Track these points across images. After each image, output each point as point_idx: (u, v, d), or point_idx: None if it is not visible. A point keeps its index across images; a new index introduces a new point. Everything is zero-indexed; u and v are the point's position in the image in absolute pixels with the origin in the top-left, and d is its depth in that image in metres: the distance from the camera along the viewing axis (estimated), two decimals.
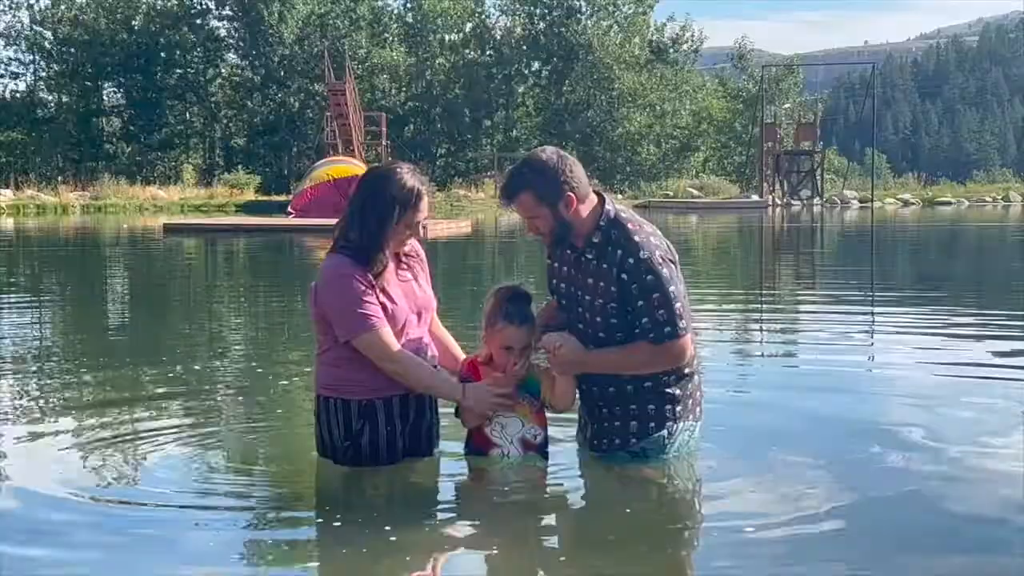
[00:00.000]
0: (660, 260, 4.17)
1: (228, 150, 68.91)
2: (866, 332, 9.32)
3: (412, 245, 4.42)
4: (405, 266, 4.37)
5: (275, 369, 7.34)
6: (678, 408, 4.37)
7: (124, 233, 28.81)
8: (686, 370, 4.38)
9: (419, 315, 4.34)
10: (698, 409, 4.50)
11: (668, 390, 4.34)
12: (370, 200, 4.19)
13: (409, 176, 4.22)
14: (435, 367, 4.37)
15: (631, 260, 4.16)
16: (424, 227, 4.31)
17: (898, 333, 9.06)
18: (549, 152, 4.29)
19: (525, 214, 4.25)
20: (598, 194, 4.38)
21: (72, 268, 18.23)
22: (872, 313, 10.89)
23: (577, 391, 4.45)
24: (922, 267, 18.53)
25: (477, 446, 4.44)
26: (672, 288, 4.16)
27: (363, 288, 4.12)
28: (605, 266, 4.21)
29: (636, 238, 4.21)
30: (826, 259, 20.83)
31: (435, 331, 4.52)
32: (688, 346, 4.25)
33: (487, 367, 4.40)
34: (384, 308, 4.18)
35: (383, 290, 4.19)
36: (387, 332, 4.15)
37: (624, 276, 4.16)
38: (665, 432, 4.36)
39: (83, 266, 18.63)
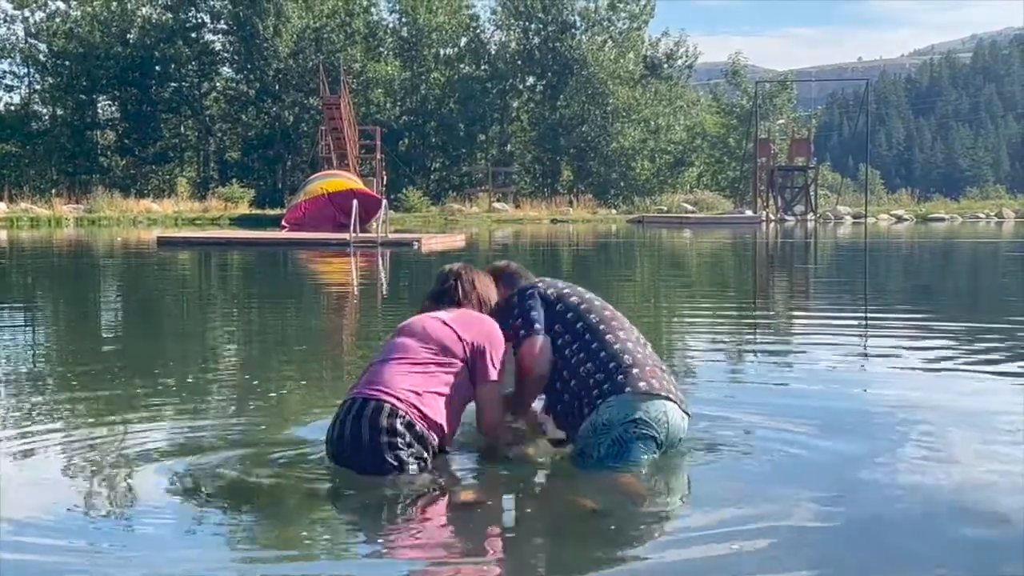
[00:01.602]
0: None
1: (222, 163, 68.87)
2: (860, 345, 9.31)
3: None
4: None
5: (268, 382, 7.32)
6: (594, 394, 4.66)
7: (118, 246, 28.79)
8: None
9: None
10: (641, 384, 4.64)
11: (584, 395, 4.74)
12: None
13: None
14: None
15: None
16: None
17: (892, 345, 9.05)
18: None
19: None
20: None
21: (66, 280, 18.19)
22: (866, 326, 10.90)
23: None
24: (916, 282, 18.54)
25: None
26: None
27: None
28: None
29: None
30: (820, 273, 20.85)
31: None
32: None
33: None
34: None
35: None
36: None
37: None
38: (588, 425, 4.64)
39: (77, 278, 18.60)
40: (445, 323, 4.64)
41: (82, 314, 12.84)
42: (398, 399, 4.38)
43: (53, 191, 54.25)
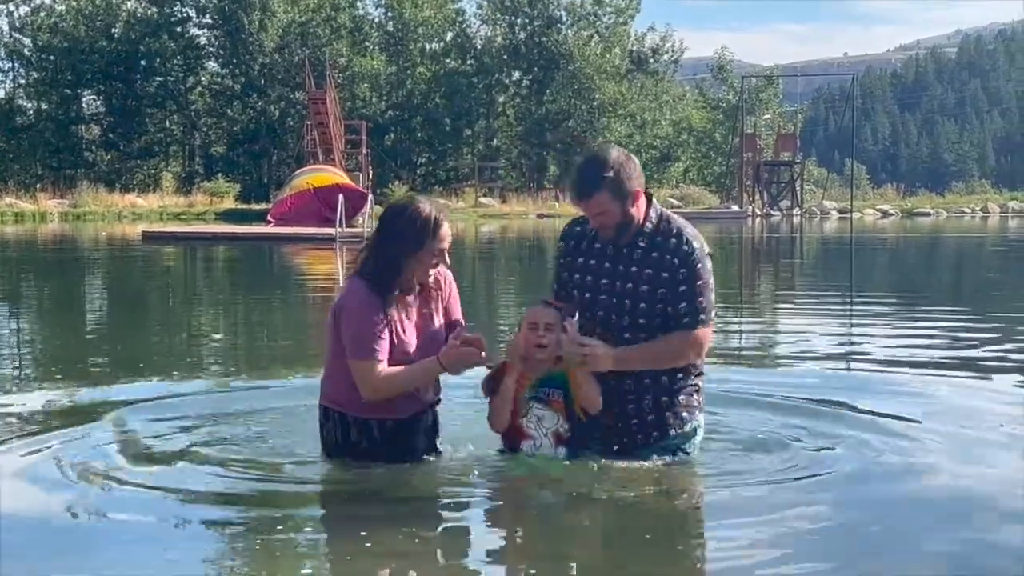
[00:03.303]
0: (706, 254, 4.48)
1: (208, 158, 68.61)
2: (849, 341, 9.34)
3: (438, 272, 4.55)
4: (429, 296, 4.52)
5: (257, 376, 7.31)
6: (701, 399, 4.66)
7: (103, 240, 28.69)
8: (704, 367, 4.69)
9: (425, 352, 4.45)
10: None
11: (693, 381, 4.61)
12: (388, 232, 4.40)
13: (426, 206, 4.43)
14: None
15: (685, 248, 4.44)
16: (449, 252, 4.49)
17: (880, 342, 9.08)
18: (617, 152, 4.51)
19: (596, 211, 4.44)
20: (646, 192, 4.56)
21: (50, 275, 18.12)
22: (851, 320, 10.92)
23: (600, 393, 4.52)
24: (901, 276, 18.60)
25: (510, 441, 4.53)
26: (711, 281, 4.46)
27: (377, 320, 4.32)
28: (656, 254, 4.45)
29: (687, 231, 4.51)
30: (806, 268, 20.90)
31: None
32: (710, 338, 4.51)
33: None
34: (391, 343, 4.37)
35: (397, 329, 4.37)
36: (381, 368, 4.32)
37: (676, 261, 4.42)
38: (696, 423, 4.62)
39: (61, 273, 18.53)
40: (334, 314, 4.48)
41: (66, 309, 12.78)
42: (329, 401, 4.55)
43: (38, 186, 53.97)
